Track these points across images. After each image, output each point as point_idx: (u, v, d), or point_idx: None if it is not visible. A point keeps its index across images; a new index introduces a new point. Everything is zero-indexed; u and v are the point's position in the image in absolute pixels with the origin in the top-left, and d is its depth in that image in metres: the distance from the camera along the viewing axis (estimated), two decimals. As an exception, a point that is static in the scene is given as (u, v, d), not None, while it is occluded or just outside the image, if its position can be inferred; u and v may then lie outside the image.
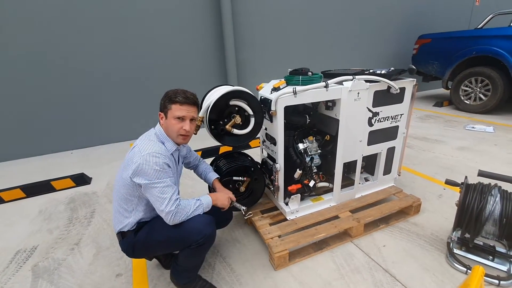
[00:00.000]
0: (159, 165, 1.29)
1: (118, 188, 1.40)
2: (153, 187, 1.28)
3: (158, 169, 1.28)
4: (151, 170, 1.27)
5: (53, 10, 3.35)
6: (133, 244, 1.40)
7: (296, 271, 1.65)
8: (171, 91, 1.41)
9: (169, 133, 1.44)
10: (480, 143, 3.51)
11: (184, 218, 1.33)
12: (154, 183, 1.27)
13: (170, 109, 1.39)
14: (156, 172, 1.28)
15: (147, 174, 1.27)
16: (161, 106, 1.42)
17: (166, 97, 1.41)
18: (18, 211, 2.47)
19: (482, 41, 4.60)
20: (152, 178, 1.27)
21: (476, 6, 7.07)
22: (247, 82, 4.63)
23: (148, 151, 1.30)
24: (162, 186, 1.29)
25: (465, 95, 4.97)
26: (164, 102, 1.41)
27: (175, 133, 1.42)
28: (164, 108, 1.41)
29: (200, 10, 4.10)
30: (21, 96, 3.47)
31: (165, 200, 1.28)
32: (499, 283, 1.48)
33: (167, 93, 1.42)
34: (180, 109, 1.39)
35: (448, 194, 2.39)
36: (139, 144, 1.36)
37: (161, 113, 1.43)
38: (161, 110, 1.43)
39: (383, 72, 1.91)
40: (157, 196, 1.28)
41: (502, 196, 1.54)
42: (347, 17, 5.37)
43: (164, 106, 1.41)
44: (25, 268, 1.78)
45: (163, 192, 1.28)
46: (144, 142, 1.37)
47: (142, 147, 1.33)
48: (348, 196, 2.13)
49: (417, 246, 1.81)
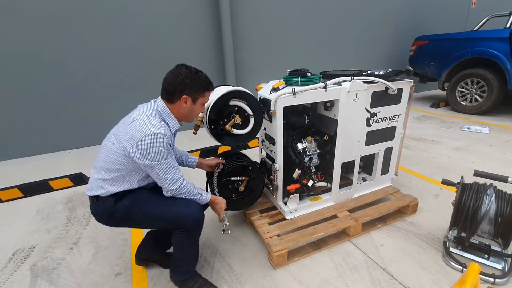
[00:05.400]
0: (163, 146, 1.27)
1: (108, 153, 1.33)
2: (157, 168, 1.28)
3: (162, 150, 1.26)
4: (156, 152, 1.25)
5: (53, 10, 3.34)
6: (112, 211, 1.36)
7: (295, 269, 1.66)
8: (201, 76, 1.36)
9: (186, 115, 1.41)
10: (475, 144, 3.55)
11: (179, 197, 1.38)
12: (158, 164, 1.27)
13: (203, 96, 1.39)
14: (161, 154, 1.26)
15: (151, 156, 1.25)
16: (190, 89, 1.34)
17: (199, 83, 1.35)
18: (16, 211, 2.46)
19: (478, 43, 4.65)
20: (156, 159, 1.26)
21: (472, 8, 7.14)
22: (246, 83, 4.63)
23: (152, 131, 1.24)
24: (165, 167, 1.29)
25: (461, 96, 5.02)
26: (196, 87, 1.35)
27: (194, 116, 1.45)
28: (195, 94, 1.36)
29: (199, 10, 4.11)
30: (19, 96, 3.45)
31: (167, 179, 1.31)
32: (494, 281, 1.50)
33: (198, 77, 1.34)
34: (208, 96, 1.44)
35: (445, 193, 2.42)
36: (141, 120, 1.28)
37: (188, 96, 1.35)
38: (188, 94, 1.35)
39: (381, 73, 1.94)
40: (160, 176, 1.30)
41: (497, 196, 1.57)
42: (345, 18, 5.40)
43: (195, 91, 1.35)
44: (23, 268, 1.77)
45: (166, 172, 1.30)
46: (146, 119, 1.29)
47: (145, 124, 1.26)
48: (346, 195, 2.15)
49: (414, 245, 1.83)
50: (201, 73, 1.38)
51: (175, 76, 1.33)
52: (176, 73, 1.33)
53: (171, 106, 1.38)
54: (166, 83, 1.35)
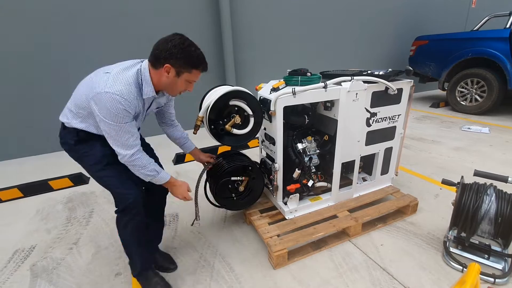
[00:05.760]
0: (116, 109, 1.18)
1: (81, 89, 1.31)
2: (108, 126, 1.22)
3: (112, 112, 1.19)
4: (106, 111, 1.19)
5: (53, 10, 3.34)
6: (70, 148, 1.38)
7: (295, 269, 1.66)
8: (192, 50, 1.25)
9: (166, 87, 1.32)
10: (475, 144, 3.55)
11: (136, 173, 1.33)
12: (109, 123, 1.21)
13: (190, 72, 1.28)
14: (111, 115, 1.19)
15: (103, 112, 1.19)
16: (176, 60, 1.23)
17: (188, 58, 1.24)
18: (16, 211, 2.45)
19: (478, 43, 4.65)
20: (107, 118, 1.20)
21: (472, 8, 7.14)
22: (246, 83, 4.63)
23: (110, 89, 1.17)
24: (118, 129, 1.22)
25: (461, 96, 5.02)
26: (183, 61, 1.24)
27: (177, 91, 1.34)
28: (181, 67, 1.25)
29: (198, 10, 4.11)
30: (19, 96, 3.45)
31: (118, 142, 1.25)
32: (494, 281, 1.50)
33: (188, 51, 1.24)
34: (199, 75, 1.32)
35: (445, 193, 2.42)
36: (112, 75, 1.22)
37: (171, 67, 1.25)
38: (173, 64, 1.24)
39: (381, 73, 1.94)
40: (113, 135, 1.24)
41: (497, 196, 1.57)
42: (345, 18, 5.40)
43: (180, 64, 1.25)
44: (23, 268, 1.77)
45: (118, 134, 1.23)
46: (116, 76, 1.22)
47: (112, 80, 1.20)
48: (346, 195, 2.15)
49: (414, 245, 1.83)
50: (194, 49, 1.26)
51: (165, 42, 1.24)
52: (167, 40, 1.24)
53: (153, 72, 1.29)
54: (155, 46, 1.26)
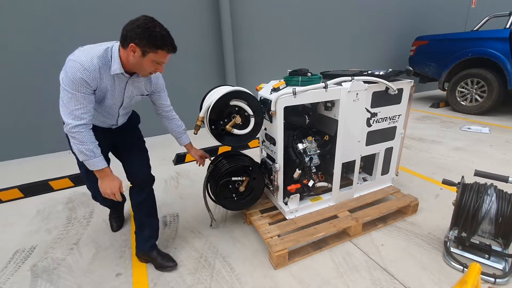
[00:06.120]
0: (74, 76, 1.25)
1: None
2: (62, 90, 1.28)
3: (72, 79, 1.25)
4: (65, 76, 1.27)
5: (53, 10, 3.34)
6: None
7: (295, 270, 1.66)
8: (156, 30, 1.26)
9: (134, 66, 1.35)
10: (476, 144, 3.55)
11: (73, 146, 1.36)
12: (64, 87, 1.27)
13: (155, 52, 1.29)
14: (68, 80, 1.26)
15: (63, 76, 1.27)
16: (139, 40, 1.25)
17: (151, 38, 1.25)
18: (16, 211, 2.45)
19: (478, 43, 4.65)
20: (65, 83, 1.27)
21: (472, 9, 7.15)
22: (246, 83, 4.64)
23: (76, 58, 1.27)
24: (70, 96, 1.27)
25: (461, 97, 5.02)
26: (146, 40, 1.26)
27: (145, 71, 1.37)
28: (145, 47, 1.27)
29: (198, 10, 4.11)
30: (18, 96, 3.45)
31: (67, 108, 1.28)
32: (495, 281, 1.50)
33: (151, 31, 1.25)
34: (165, 57, 1.33)
35: (445, 193, 2.42)
36: (83, 48, 1.33)
37: (136, 47, 1.27)
38: (137, 44, 1.27)
39: (381, 73, 1.94)
40: (64, 101, 1.28)
41: (498, 196, 1.57)
42: (346, 18, 5.41)
43: (144, 44, 1.26)
44: (24, 268, 1.77)
45: (69, 101, 1.28)
46: (85, 49, 1.32)
47: (78, 51, 1.31)
48: (347, 195, 2.15)
49: (414, 245, 1.83)
50: (159, 29, 1.27)
51: (131, 23, 1.27)
52: (134, 20, 1.28)
53: (123, 51, 1.34)
54: (123, 27, 1.30)
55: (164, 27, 1.31)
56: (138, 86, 1.53)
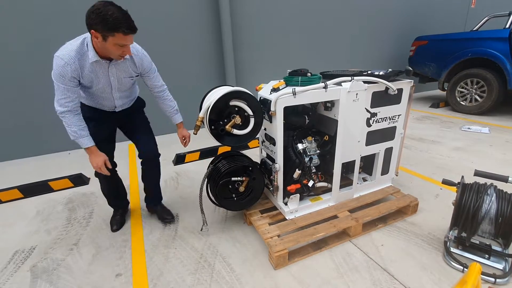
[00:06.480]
0: (57, 68, 1.43)
1: None
2: (54, 83, 1.48)
3: (56, 72, 1.44)
4: (54, 70, 1.45)
5: (53, 10, 3.34)
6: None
7: (295, 270, 1.66)
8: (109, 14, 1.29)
9: (103, 51, 1.47)
10: (476, 144, 3.55)
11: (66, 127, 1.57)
12: (54, 81, 1.47)
13: (113, 36, 1.35)
14: (54, 74, 1.45)
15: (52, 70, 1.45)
16: (95, 25, 1.31)
17: (104, 22, 1.29)
18: (16, 212, 2.45)
19: (478, 43, 4.66)
20: (53, 76, 1.46)
21: (472, 9, 7.15)
22: (246, 83, 4.64)
23: (58, 53, 1.44)
24: (56, 87, 1.48)
25: (461, 97, 5.02)
26: (101, 25, 1.30)
27: (114, 54, 1.47)
28: (103, 31, 1.33)
29: (198, 10, 4.11)
30: (18, 96, 3.45)
31: (56, 98, 1.51)
32: (495, 281, 1.50)
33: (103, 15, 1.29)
34: (125, 38, 1.39)
35: (445, 193, 2.42)
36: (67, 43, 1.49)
37: (96, 32, 1.34)
38: (96, 30, 1.33)
39: (381, 73, 1.94)
40: (55, 92, 1.49)
41: (498, 196, 1.57)
42: (345, 18, 5.41)
43: (101, 29, 1.32)
44: (23, 269, 1.77)
45: (56, 92, 1.49)
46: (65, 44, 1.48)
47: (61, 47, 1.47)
48: (347, 196, 2.15)
49: (414, 245, 1.83)
50: (112, 12, 1.29)
51: (89, 10, 1.35)
52: (90, 7, 1.35)
53: (93, 39, 1.44)
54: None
55: (122, 9, 1.35)
56: (124, 69, 1.65)
